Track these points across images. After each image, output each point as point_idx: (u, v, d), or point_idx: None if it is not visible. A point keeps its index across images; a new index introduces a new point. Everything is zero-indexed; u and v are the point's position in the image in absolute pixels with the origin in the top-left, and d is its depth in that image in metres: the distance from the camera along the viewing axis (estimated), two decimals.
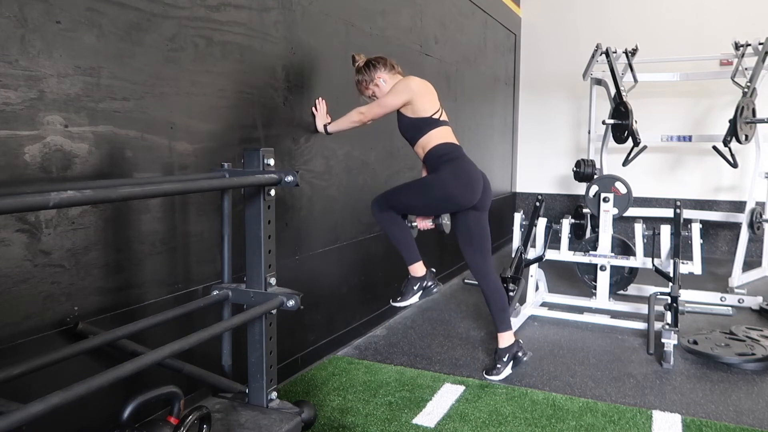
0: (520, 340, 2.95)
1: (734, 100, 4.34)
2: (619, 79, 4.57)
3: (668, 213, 4.26)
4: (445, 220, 2.89)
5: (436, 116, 2.74)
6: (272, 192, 1.93)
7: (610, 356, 3.18)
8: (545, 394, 2.69)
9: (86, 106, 1.82)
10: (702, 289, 4.30)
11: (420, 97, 2.71)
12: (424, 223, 2.94)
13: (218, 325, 1.70)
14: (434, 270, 2.93)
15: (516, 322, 3.50)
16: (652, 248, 3.66)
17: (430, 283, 2.85)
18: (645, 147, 4.47)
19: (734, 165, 4.36)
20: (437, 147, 2.73)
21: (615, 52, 4.74)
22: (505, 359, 2.87)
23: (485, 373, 2.89)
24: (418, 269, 2.85)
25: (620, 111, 4.49)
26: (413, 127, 2.76)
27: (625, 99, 4.47)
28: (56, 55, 1.73)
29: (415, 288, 2.83)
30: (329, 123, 2.91)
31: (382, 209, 2.78)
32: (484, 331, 3.57)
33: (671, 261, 3.47)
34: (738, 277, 4.46)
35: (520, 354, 2.89)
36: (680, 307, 3.20)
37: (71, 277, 1.80)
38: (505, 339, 2.90)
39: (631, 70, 4.74)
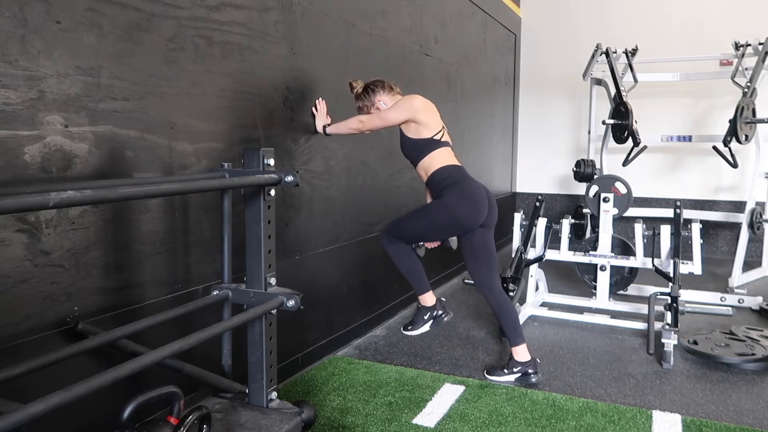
0: (537, 359, 2.89)
1: (734, 100, 4.34)
2: (619, 79, 4.57)
3: (668, 213, 4.26)
4: (451, 237, 2.89)
5: (437, 137, 2.70)
6: (272, 192, 1.93)
7: (610, 356, 3.18)
8: (545, 394, 2.69)
9: (86, 106, 1.82)
10: (702, 289, 4.29)
11: (422, 116, 2.67)
12: (431, 242, 2.95)
13: (218, 325, 1.70)
14: (444, 299, 2.97)
15: None
16: (652, 248, 3.66)
17: (440, 312, 2.90)
18: (645, 147, 4.46)
19: (734, 165, 4.36)
20: (439, 171, 2.69)
21: (615, 52, 4.74)
22: (515, 370, 2.83)
23: (486, 373, 2.88)
24: (428, 299, 2.88)
25: (620, 111, 4.49)
26: (415, 148, 2.73)
27: (625, 99, 4.47)
28: (56, 55, 1.73)
29: (426, 317, 2.87)
30: (329, 124, 2.91)
31: (391, 241, 2.79)
32: (484, 331, 3.57)
33: (671, 261, 3.47)
34: (738, 277, 4.46)
35: (531, 372, 2.82)
36: (680, 307, 3.20)
37: (71, 277, 1.80)
38: (520, 353, 2.83)
39: (631, 70, 4.74)
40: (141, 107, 2.01)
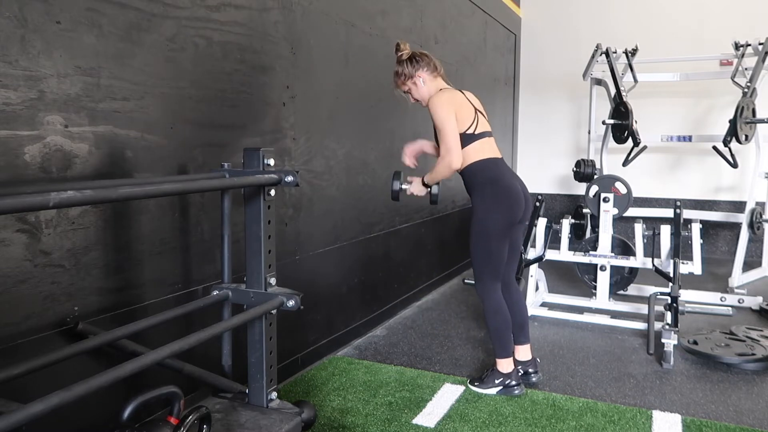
0: (537, 359, 2.89)
1: (734, 100, 4.34)
2: (619, 79, 4.57)
3: (668, 213, 4.26)
4: (435, 190, 2.71)
5: (470, 131, 2.58)
6: (272, 192, 1.93)
7: (610, 356, 3.18)
8: (545, 394, 2.69)
9: (86, 106, 1.82)
10: (702, 289, 4.29)
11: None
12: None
13: (218, 325, 1.70)
14: (520, 370, 2.80)
15: None
16: (652, 248, 3.66)
17: (513, 383, 2.68)
18: (645, 147, 4.47)
19: (734, 165, 4.36)
20: (470, 167, 2.59)
21: (615, 52, 4.74)
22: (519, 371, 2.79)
23: (468, 383, 2.80)
24: (505, 365, 2.70)
25: (620, 111, 4.49)
26: None
27: (625, 99, 4.47)
28: (56, 55, 1.73)
29: (497, 382, 2.69)
30: (426, 179, 2.69)
31: (488, 290, 2.66)
32: (484, 331, 3.57)
33: (671, 261, 3.47)
34: (738, 277, 4.46)
35: (530, 371, 2.82)
36: (680, 307, 3.20)
37: (71, 277, 1.80)
38: (522, 353, 2.83)
39: (631, 70, 4.74)
40: (141, 107, 2.01)
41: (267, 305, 1.88)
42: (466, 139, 2.58)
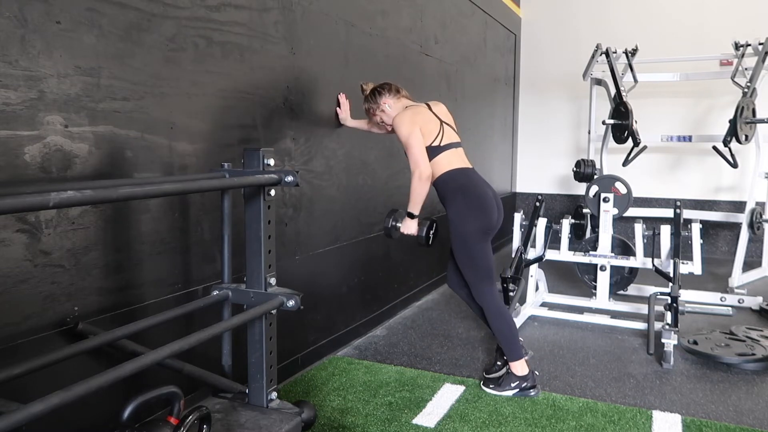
0: (531, 351, 2.86)
1: (734, 100, 4.34)
2: (619, 79, 4.57)
3: (668, 213, 4.26)
4: (422, 232, 2.72)
5: (435, 143, 2.64)
6: (272, 192, 1.93)
7: (610, 356, 3.18)
8: (545, 394, 2.69)
9: (86, 106, 1.82)
10: (702, 289, 4.30)
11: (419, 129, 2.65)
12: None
13: (218, 325, 1.70)
14: (537, 373, 2.81)
15: (516, 322, 3.49)
16: (652, 248, 3.66)
17: (529, 385, 2.68)
18: (645, 147, 4.46)
19: (734, 165, 4.36)
20: (440, 178, 2.65)
21: (615, 52, 4.74)
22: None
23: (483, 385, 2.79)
24: (519, 368, 2.69)
25: (620, 111, 4.49)
26: None
27: (625, 99, 4.47)
28: (56, 55, 1.73)
29: (513, 385, 2.68)
30: (409, 208, 2.70)
31: (485, 294, 2.69)
32: (484, 331, 3.57)
33: (671, 261, 3.47)
34: (738, 277, 4.46)
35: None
36: (680, 307, 3.19)
37: (71, 277, 1.80)
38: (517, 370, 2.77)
39: (631, 70, 4.74)
40: (141, 107, 2.01)
41: (267, 305, 1.88)
42: (433, 151, 2.65)
